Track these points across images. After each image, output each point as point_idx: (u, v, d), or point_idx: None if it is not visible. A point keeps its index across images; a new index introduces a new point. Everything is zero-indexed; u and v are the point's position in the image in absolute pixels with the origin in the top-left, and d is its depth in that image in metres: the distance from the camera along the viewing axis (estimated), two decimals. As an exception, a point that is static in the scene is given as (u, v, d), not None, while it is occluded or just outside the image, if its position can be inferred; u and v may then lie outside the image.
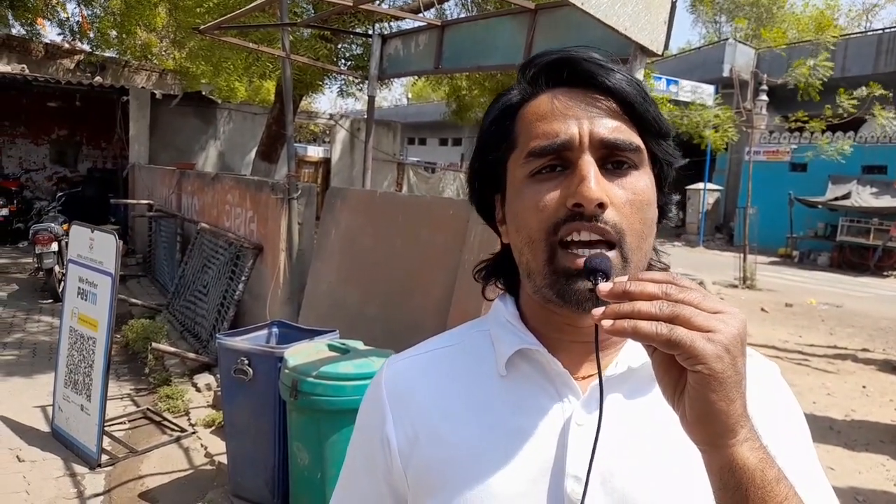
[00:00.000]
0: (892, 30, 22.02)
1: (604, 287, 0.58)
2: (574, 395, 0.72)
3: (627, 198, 0.67)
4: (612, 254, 0.65)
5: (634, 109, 0.68)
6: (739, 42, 23.49)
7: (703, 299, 0.55)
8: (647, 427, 0.70)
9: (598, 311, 0.56)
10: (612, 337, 0.72)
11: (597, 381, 0.67)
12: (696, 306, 0.54)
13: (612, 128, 0.67)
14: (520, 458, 0.70)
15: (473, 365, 0.77)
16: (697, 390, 0.54)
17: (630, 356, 0.73)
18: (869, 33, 23.35)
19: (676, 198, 0.79)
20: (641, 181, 0.68)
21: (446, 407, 0.74)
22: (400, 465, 0.74)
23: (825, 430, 5.31)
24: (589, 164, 0.65)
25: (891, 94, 11.74)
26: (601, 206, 0.64)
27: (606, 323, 0.54)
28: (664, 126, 0.71)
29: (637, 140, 0.68)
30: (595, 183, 0.64)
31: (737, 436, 0.55)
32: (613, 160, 0.68)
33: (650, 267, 0.74)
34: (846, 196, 18.38)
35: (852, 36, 22.88)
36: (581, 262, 0.64)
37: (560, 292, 0.66)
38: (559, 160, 0.67)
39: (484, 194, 0.79)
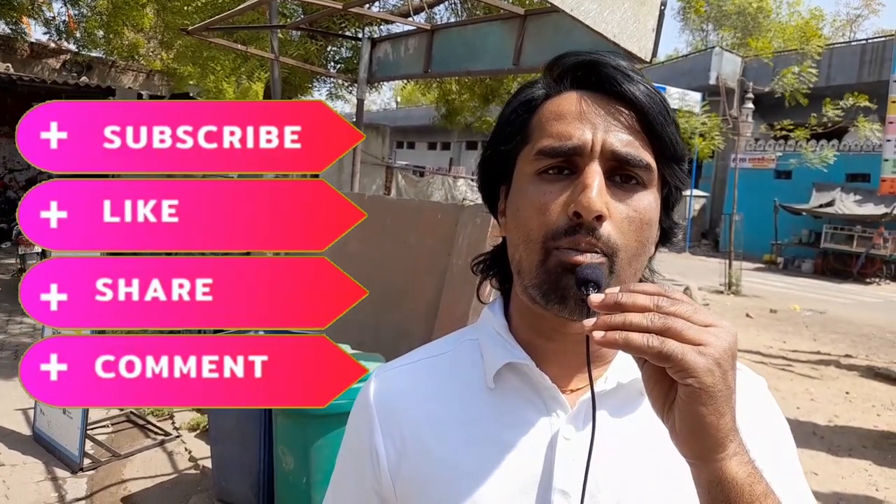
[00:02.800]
0: (876, 40, 22.37)
1: (595, 298, 0.57)
2: (562, 410, 0.71)
3: (628, 214, 0.65)
4: (601, 263, 0.64)
5: (653, 128, 0.67)
6: (726, 50, 23.72)
7: (694, 312, 0.54)
8: (635, 442, 0.70)
9: (589, 321, 0.55)
10: (602, 349, 0.72)
11: (585, 395, 0.67)
12: (688, 319, 0.54)
13: (626, 142, 0.66)
14: (507, 471, 0.69)
15: (462, 376, 0.76)
16: (687, 403, 0.53)
17: (619, 372, 0.73)
18: (853, 43, 23.70)
19: (682, 223, 0.78)
20: (645, 200, 0.67)
21: (435, 419, 0.74)
22: (388, 476, 0.74)
23: (808, 435, 5.36)
24: (595, 173, 0.64)
25: (875, 104, 11.92)
26: (599, 218, 0.64)
27: (598, 334, 0.54)
28: (679, 150, 0.69)
29: (649, 158, 0.67)
30: (597, 194, 0.63)
31: (726, 450, 0.55)
32: (622, 174, 0.66)
33: (641, 282, 0.72)
34: (830, 203, 18.64)
35: (837, 46, 23.18)
36: (575, 257, 0.63)
37: (545, 293, 0.65)
38: (568, 164, 0.66)
39: (491, 183, 0.78)
